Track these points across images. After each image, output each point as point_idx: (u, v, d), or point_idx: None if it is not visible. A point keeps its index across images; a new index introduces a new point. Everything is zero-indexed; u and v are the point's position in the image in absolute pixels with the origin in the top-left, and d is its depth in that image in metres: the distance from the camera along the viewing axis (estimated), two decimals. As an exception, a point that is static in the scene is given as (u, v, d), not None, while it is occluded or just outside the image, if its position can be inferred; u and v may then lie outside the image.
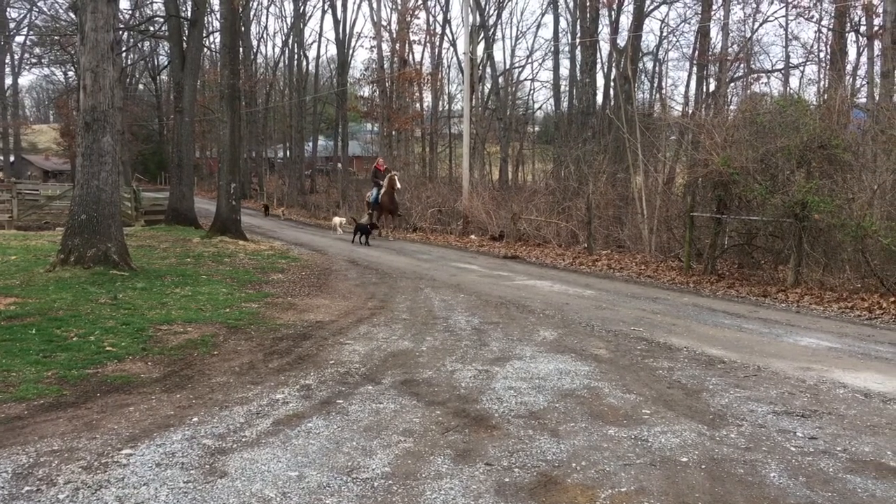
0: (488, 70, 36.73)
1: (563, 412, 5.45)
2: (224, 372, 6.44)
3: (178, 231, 20.52)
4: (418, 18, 41.69)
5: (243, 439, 4.77)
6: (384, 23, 36.23)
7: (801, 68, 27.09)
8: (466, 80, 25.71)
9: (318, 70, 52.68)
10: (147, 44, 48.87)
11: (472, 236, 21.99)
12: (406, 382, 6.20)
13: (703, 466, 4.46)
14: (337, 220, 26.41)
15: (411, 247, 20.30)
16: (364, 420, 5.19)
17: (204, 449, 4.57)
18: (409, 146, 40.01)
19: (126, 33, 36.71)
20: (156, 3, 42.88)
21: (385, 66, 35.81)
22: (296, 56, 49.51)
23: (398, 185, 22.22)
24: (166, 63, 40.62)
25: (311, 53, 58.34)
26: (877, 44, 18.51)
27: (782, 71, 27.75)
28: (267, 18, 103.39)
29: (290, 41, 49.81)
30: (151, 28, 30.66)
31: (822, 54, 25.49)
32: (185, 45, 23.05)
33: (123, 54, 41.76)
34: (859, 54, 24.29)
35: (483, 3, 36.05)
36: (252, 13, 49.78)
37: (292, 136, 49.17)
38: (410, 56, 37.62)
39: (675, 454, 4.65)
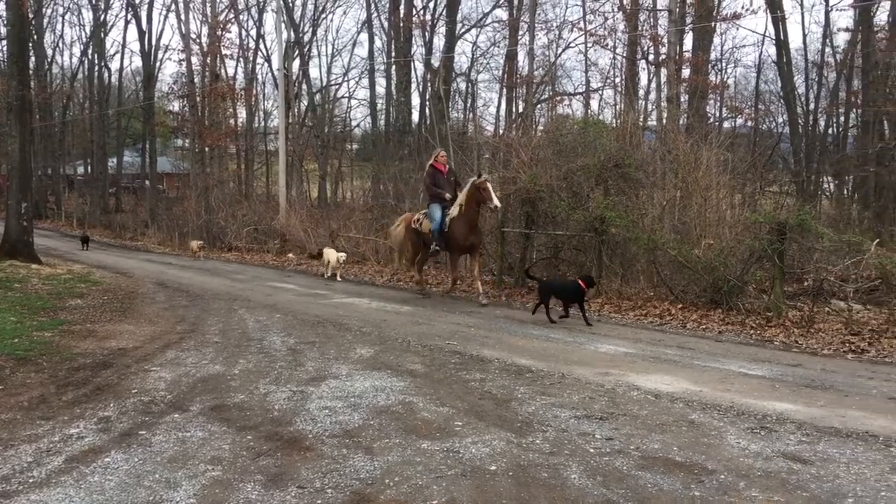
0: (304, 87, 36.41)
1: (377, 429, 5.48)
2: (10, 408, 5.92)
3: (-41, 255, 18.61)
4: (230, 32, 40.66)
5: (31, 480, 4.40)
6: (193, 35, 34.95)
7: (600, 92, 28.95)
8: (281, 96, 25.37)
9: (122, 82, 49.82)
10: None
11: (290, 255, 21.65)
12: (216, 408, 5.98)
13: (511, 473, 4.63)
14: (334, 255, 16.53)
15: (226, 267, 19.66)
16: (169, 451, 4.95)
17: (-15, 494, 4.17)
18: (224, 163, 38.80)
19: None
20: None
21: (195, 80, 34.56)
22: (96, 67, 46.61)
23: (496, 201, 11.92)
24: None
25: (115, 65, 54.90)
26: (663, 71, 20.20)
27: (584, 94, 29.56)
28: (63, 26, 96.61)
29: (90, 51, 46.86)
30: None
31: (617, 80, 27.44)
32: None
33: None
34: (649, 80, 26.38)
35: (297, 20, 35.74)
36: (46, 21, 46.41)
37: (94, 152, 46.11)
38: (223, 70, 36.55)
39: (485, 463, 4.80)
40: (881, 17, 22.98)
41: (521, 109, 26.46)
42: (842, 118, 26.62)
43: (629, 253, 12.53)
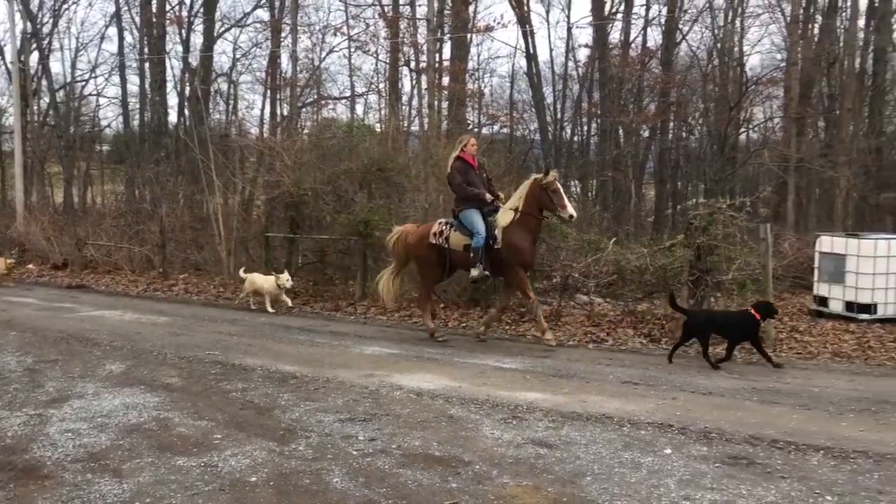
0: (45, 82, 33.29)
1: (128, 449, 5.13)
2: None
3: None
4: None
5: None
6: None
7: (365, 97, 29.26)
8: (16, 92, 23.02)
9: None
10: None
11: (31, 266, 19.66)
12: (-66, 441, 5.29)
13: (272, 483, 4.54)
14: (269, 280, 11.95)
15: (-48, 281, 17.47)
16: None
17: None
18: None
19: None
20: None
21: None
22: None
23: (570, 208, 9.04)
24: None
25: None
26: (424, 78, 20.84)
27: (349, 98, 29.70)
28: None
29: None
30: None
31: (381, 85, 27.88)
32: None
33: None
34: (412, 87, 27.06)
35: (35, 10, 32.61)
36: None
37: None
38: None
39: (245, 475, 4.67)
40: (615, 35, 25.30)
41: (285, 112, 26.09)
42: (585, 127, 28.91)
43: (393, 255, 12.76)
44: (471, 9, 24.04)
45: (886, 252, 10.25)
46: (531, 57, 25.92)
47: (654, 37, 24.89)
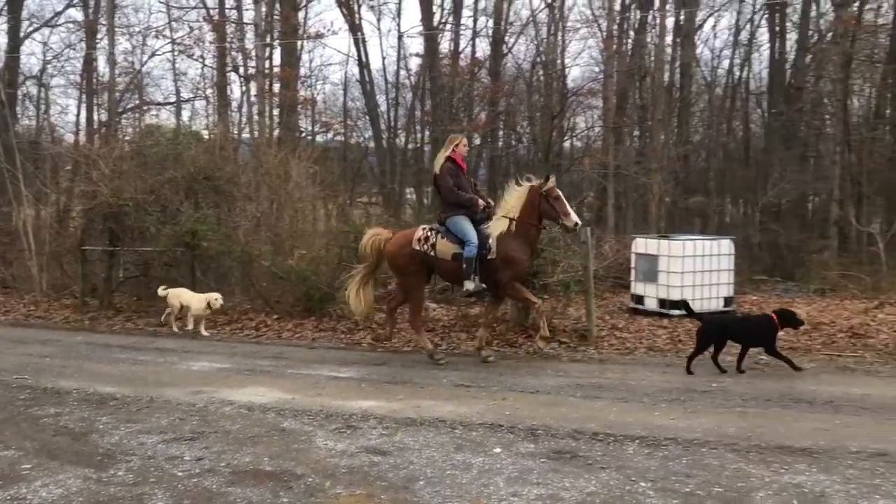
0: None
1: (-82, 489, 4.64)
2: None
3: None
4: None
5: None
6: None
7: (192, 103, 28.13)
8: None
9: None
10: None
11: None
12: None
13: (87, 513, 4.26)
14: (199, 298, 10.67)
15: None
16: None
17: None
18: None
19: None
20: None
21: None
22: None
23: (575, 217, 8.51)
24: None
25: None
26: (254, 84, 20.34)
27: (174, 104, 28.48)
28: None
29: None
30: None
31: (209, 91, 26.93)
32: None
33: None
34: (242, 93, 26.34)
35: None
36: None
37: None
38: None
39: (57, 507, 4.35)
40: (445, 45, 25.83)
41: (103, 118, 24.62)
42: (419, 135, 29.28)
43: (223, 266, 12.36)
44: (301, 15, 23.77)
45: (693, 252, 11.10)
46: (364, 65, 25.96)
47: (483, 47, 25.63)
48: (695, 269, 11.04)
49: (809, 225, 20.70)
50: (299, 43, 23.30)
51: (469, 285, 8.30)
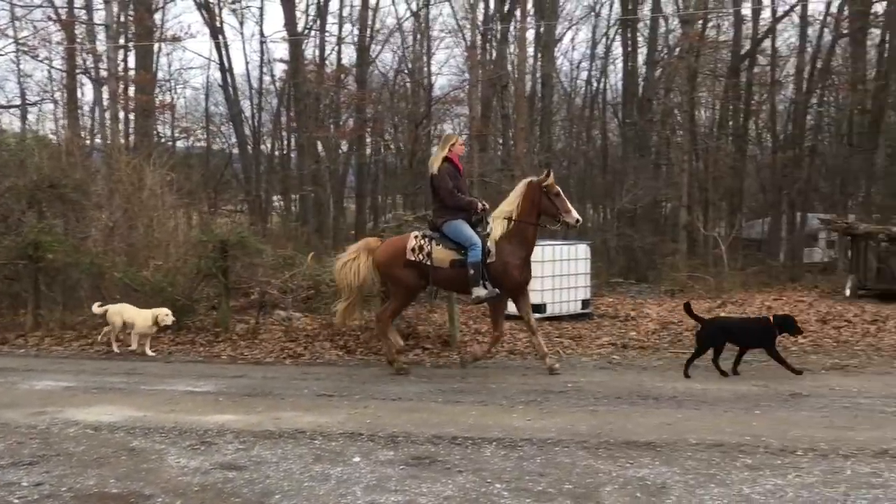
0: None
1: None
2: None
3: None
4: None
5: None
6: None
7: (39, 106, 26.54)
8: None
9: None
10: None
11: None
12: None
13: None
14: (145, 315, 9.57)
15: None
16: None
17: None
18: None
19: None
20: None
21: None
22: None
23: (575, 213, 8.26)
24: None
25: None
26: (106, 88, 19.39)
27: (19, 107, 26.78)
28: None
29: None
30: None
31: (57, 94, 25.51)
32: None
33: None
34: (94, 97, 25.08)
35: None
36: None
37: None
38: None
39: None
40: (310, 51, 25.58)
41: (-63, 121, 22.84)
42: (285, 141, 28.84)
43: (71, 279, 11.68)
44: (157, 17, 22.93)
45: (552, 257, 11.47)
46: (226, 69, 25.38)
47: (349, 54, 25.58)
48: (553, 273, 11.41)
49: (662, 229, 21.90)
50: (156, 45, 22.47)
51: (480, 292, 7.81)
